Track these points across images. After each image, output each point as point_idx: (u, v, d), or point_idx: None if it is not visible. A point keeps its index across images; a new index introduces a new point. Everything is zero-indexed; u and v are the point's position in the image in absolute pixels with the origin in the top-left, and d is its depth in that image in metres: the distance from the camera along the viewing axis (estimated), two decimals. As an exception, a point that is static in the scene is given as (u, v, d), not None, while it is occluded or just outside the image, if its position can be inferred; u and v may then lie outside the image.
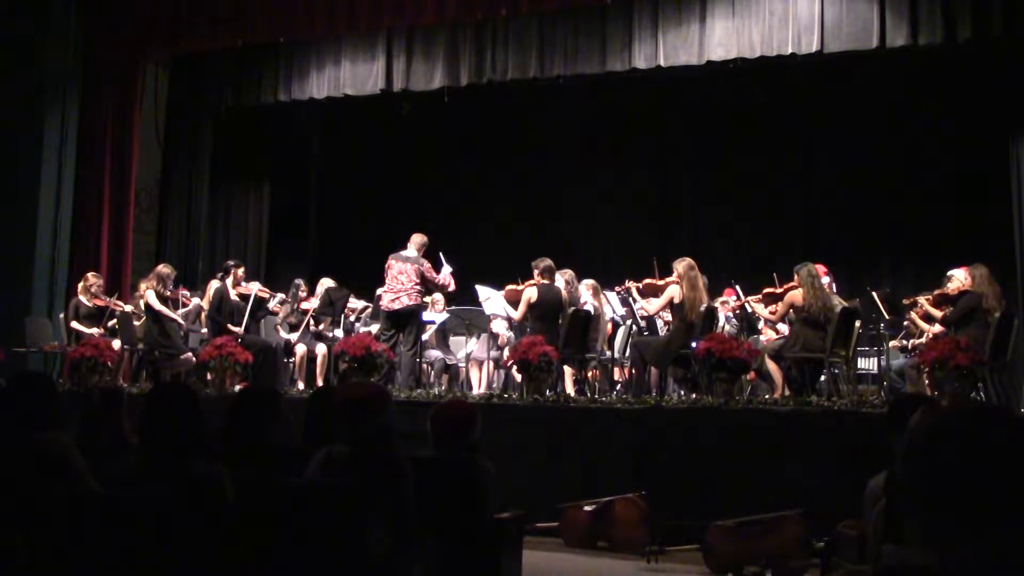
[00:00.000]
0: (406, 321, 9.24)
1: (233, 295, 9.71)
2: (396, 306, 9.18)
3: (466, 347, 10.35)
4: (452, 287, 9.66)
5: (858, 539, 3.79)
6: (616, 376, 9.75)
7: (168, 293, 9.66)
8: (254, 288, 9.84)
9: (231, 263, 10.10)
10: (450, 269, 9.56)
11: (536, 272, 8.89)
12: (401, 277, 9.20)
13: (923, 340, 8.40)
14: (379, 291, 9.54)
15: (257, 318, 10.05)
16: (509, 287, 9.23)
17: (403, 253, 9.33)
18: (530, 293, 8.74)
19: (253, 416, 3.82)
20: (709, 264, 9.27)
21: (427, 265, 9.32)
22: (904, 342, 9.14)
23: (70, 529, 3.00)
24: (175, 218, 12.57)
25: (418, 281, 9.23)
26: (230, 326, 9.53)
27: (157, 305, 9.49)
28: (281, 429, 3.88)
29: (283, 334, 10.04)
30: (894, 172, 11.69)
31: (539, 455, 7.22)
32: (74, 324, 9.87)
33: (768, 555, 5.62)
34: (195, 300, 10.16)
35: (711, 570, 5.93)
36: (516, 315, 8.91)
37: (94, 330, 9.82)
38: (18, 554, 2.96)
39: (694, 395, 7.75)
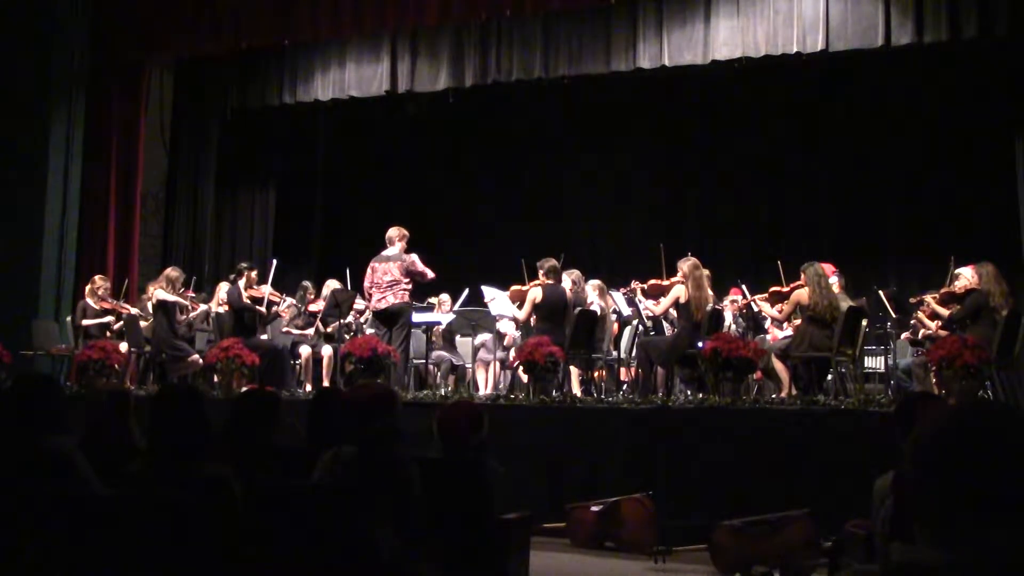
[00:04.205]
0: (394, 320, 9.19)
1: (244, 297, 9.71)
2: (382, 305, 9.13)
3: (474, 342, 10.29)
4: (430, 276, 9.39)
5: (866, 538, 3.78)
6: (622, 376, 9.74)
7: (176, 296, 9.66)
8: (266, 291, 9.83)
9: (244, 265, 10.04)
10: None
11: (541, 272, 8.88)
12: (385, 277, 9.16)
13: (934, 329, 8.36)
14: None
15: (265, 320, 10.05)
16: (513, 288, 9.21)
17: (384, 253, 9.26)
18: (535, 293, 8.73)
19: (252, 419, 3.83)
20: (714, 263, 9.27)
21: (410, 259, 9.22)
22: (914, 336, 9.08)
23: (76, 532, 3.01)
24: (181, 221, 12.61)
25: (404, 278, 9.16)
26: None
27: (169, 297, 9.48)
28: (281, 431, 3.89)
29: (293, 335, 10.05)
30: (899, 170, 11.68)
31: (546, 456, 7.21)
32: (84, 322, 9.90)
33: (776, 555, 5.61)
34: (202, 305, 10.17)
35: (718, 570, 5.92)
36: (521, 315, 8.90)
37: (106, 318, 9.83)
38: (24, 557, 2.97)
39: (700, 395, 7.72)
